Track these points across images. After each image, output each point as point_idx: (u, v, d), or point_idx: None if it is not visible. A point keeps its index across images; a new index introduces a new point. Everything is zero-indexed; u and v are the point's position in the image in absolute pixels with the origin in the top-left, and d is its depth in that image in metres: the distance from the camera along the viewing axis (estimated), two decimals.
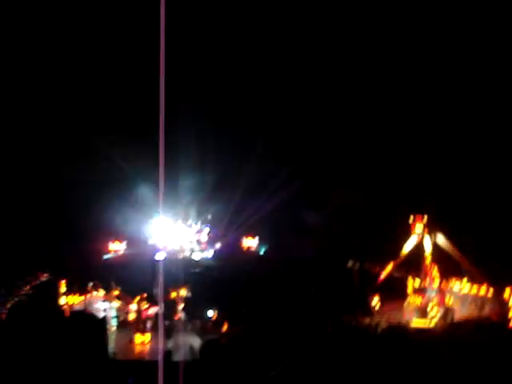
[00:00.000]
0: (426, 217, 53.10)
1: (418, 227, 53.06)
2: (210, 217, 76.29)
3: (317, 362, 30.43)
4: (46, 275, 59.37)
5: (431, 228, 52.77)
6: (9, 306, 50.09)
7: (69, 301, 50.58)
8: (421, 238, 52.98)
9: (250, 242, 75.09)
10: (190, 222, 75.74)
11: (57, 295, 52.10)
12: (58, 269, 58.68)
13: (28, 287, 55.84)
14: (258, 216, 70.98)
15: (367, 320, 49.35)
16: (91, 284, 51.90)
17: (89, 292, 51.39)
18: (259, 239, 75.26)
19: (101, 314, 47.08)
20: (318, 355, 33.04)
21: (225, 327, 47.80)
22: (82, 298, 51.00)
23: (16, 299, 52.25)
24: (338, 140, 68.53)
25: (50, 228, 65.59)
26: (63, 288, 52.87)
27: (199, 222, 75.77)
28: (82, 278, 54.06)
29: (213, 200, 74.11)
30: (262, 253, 75.32)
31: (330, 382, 27.54)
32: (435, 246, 52.61)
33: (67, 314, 49.04)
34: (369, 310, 51.98)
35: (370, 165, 68.16)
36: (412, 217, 53.56)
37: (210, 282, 57.62)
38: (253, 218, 71.94)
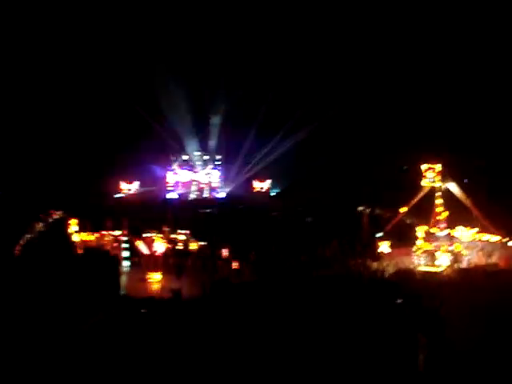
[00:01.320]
0: (438, 165, 52.71)
1: (430, 175, 52.73)
2: (222, 158, 76.47)
3: (319, 307, 30.76)
4: (59, 213, 60.12)
5: (443, 176, 52.48)
6: (22, 242, 50.82)
7: (82, 238, 51.12)
8: (432, 185, 52.78)
9: (262, 185, 75.34)
10: (202, 163, 75.97)
11: (69, 233, 52.74)
12: (71, 207, 59.35)
13: (41, 225, 56.60)
14: (271, 159, 71.08)
15: (375, 265, 49.75)
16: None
17: (101, 230, 51.83)
18: (271, 182, 75.48)
19: (113, 252, 47.65)
20: (319, 299, 33.38)
21: (234, 265, 48.30)
22: (95, 235, 51.49)
23: (29, 236, 53.02)
24: (351, 85, 67.89)
25: (64, 167, 66.09)
26: (76, 226, 53.44)
27: (212, 164, 75.99)
28: (94, 216, 54.54)
29: (226, 142, 74.10)
30: (272, 194, 75.69)
31: (331, 326, 27.92)
32: (446, 193, 52.47)
33: (80, 251, 49.75)
34: (377, 255, 52.24)
35: (384, 110, 67.64)
36: (424, 164, 53.19)
37: (222, 222, 58.09)
38: (265, 160, 72.04)
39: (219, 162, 77.11)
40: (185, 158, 76.41)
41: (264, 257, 50.47)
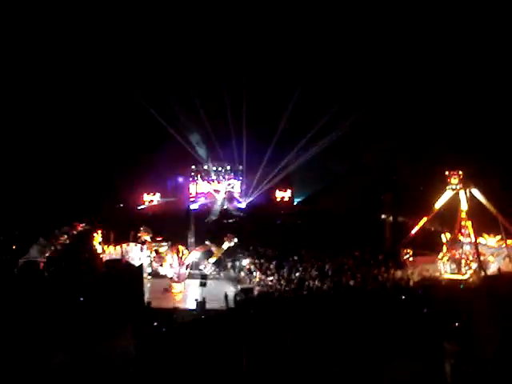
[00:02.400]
0: (461, 172, 52.28)
1: (454, 181, 52.32)
2: (243, 169, 76.69)
3: (344, 317, 30.57)
4: (82, 225, 60.71)
5: (466, 182, 52.01)
6: (47, 254, 51.28)
7: (105, 250, 51.49)
8: (456, 192, 52.35)
9: (283, 194, 75.43)
10: (223, 174, 76.27)
11: (93, 244, 53.13)
12: (95, 219, 59.93)
13: (65, 237, 57.14)
14: (293, 168, 71.17)
15: (399, 273, 49.33)
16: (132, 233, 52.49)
17: (125, 241, 52.15)
18: (292, 191, 75.50)
19: (137, 263, 47.84)
20: (344, 308, 33.21)
21: (258, 277, 48.27)
22: (119, 247, 51.81)
23: (54, 248, 53.53)
24: (373, 92, 67.73)
25: (87, 180, 66.88)
26: (99, 238, 53.84)
27: (233, 174, 76.26)
28: (117, 227, 54.92)
29: (246, 153, 74.36)
30: (294, 204, 75.67)
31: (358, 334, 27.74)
32: (470, 200, 51.95)
33: (104, 262, 50.06)
34: (401, 264, 51.81)
35: (406, 117, 67.34)
36: (448, 171, 52.78)
37: (244, 232, 58.10)
38: (286, 170, 72.14)
39: (240, 172, 77.33)
40: (206, 168, 76.86)
41: (287, 267, 50.34)
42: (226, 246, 49.45)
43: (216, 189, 75.95)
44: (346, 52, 67.41)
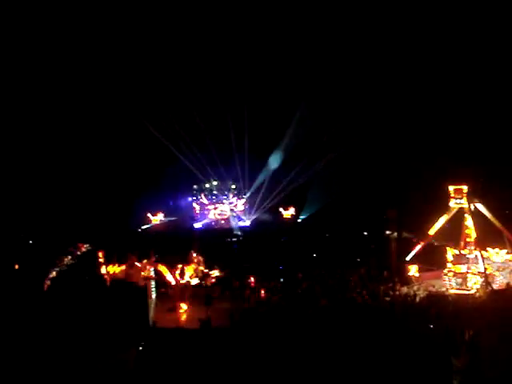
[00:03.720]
0: (465, 187, 52.18)
1: (458, 197, 52.21)
2: (246, 188, 76.66)
3: (350, 333, 30.36)
4: (86, 246, 60.64)
5: (471, 198, 51.87)
6: (51, 276, 51.16)
7: (109, 270, 51.30)
8: (460, 207, 52.23)
9: (287, 212, 75.30)
10: (227, 192, 76.22)
11: (97, 265, 52.95)
12: (98, 240, 59.83)
13: (70, 258, 57.05)
14: (295, 186, 71.11)
15: (405, 289, 49.05)
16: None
17: (128, 262, 51.98)
18: (295, 209, 75.35)
19: (141, 283, 47.62)
20: (350, 325, 32.99)
21: (262, 295, 47.98)
22: (122, 267, 51.64)
23: (58, 269, 53.41)
24: (375, 110, 67.96)
25: (91, 201, 66.99)
26: (103, 258, 53.68)
27: (236, 193, 76.18)
28: (121, 248, 54.80)
29: (250, 171, 74.36)
30: (298, 221, 75.44)
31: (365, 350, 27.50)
32: (475, 215, 51.77)
33: (108, 283, 49.87)
34: (406, 279, 51.52)
35: (409, 135, 67.42)
36: (451, 187, 52.70)
37: (248, 250, 57.99)
38: (289, 188, 72.10)
39: (244, 191, 77.26)
40: (209, 187, 76.89)
41: (291, 284, 50.11)
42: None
43: (219, 208, 75.79)
44: (349, 67, 67.63)
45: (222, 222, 74.93)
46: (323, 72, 67.43)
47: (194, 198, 76.52)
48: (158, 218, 74.20)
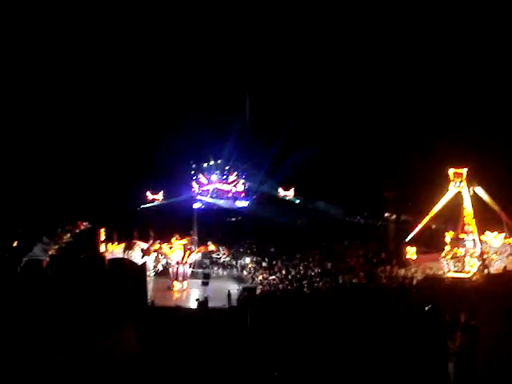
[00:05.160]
0: (465, 169, 52.18)
1: (457, 180, 52.24)
2: (246, 168, 76.52)
3: (346, 315, 30.49)
4: (85, 224, 60.71)
5: (470, 181, 51.92)
6: (50, 253, 51.29)
7: (108, 248, 51.46)
8: (459, 190, 52.28)
9: (286, 193, 75.33)
10: (226, 172, 76.12)
11: (97, 243, 53.07)
12: (98, 218, 59.89)
13: (69, 235, 57.16)
14: (294, 168, 70.97)
15: (402, 271, 49.33)
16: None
17: (128, 240, 52.13)
18: (294, 190, 75.36)
19: (140, 261, 47.84)
20: (347, 307, 33.13)
21: (260, 276, 48.28)
22: (122, 245, 51.79)
23: (57, 247, 53.55)
24: (374, 90, 67.75)
25: (90, 178, 66.92)
26: (103, 236, 53.79)
27: (235, 173, 76.05)
28: (120, 226, 54.89)
29: (249, 151, 74.18)
30: (297, 202, 75.50)
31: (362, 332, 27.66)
32: (474, 198, 51.87)
33: (107, 261, 50.03)
34: (404, 262, 51.78)
35: (409, 116, 67.25)
36: (451, 169, 52.69)
37: (246, 231, 58.20)
38: (289, 169, 71.98)
39: (244, 171, 77.13)
40: (209, 166, 76.78)
41: (289, 265, 50.38)
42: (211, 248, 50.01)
43: (219, 187, 75.74)
44: (345, 52, 67.38)
45: (222, 201, 74.90)
46: (323, 52, 67.21)
47: (195, 177, 76.33)
48: (158, 197, 74.14)
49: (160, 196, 73.91)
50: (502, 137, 63.04)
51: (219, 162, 76.85)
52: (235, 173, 76.21)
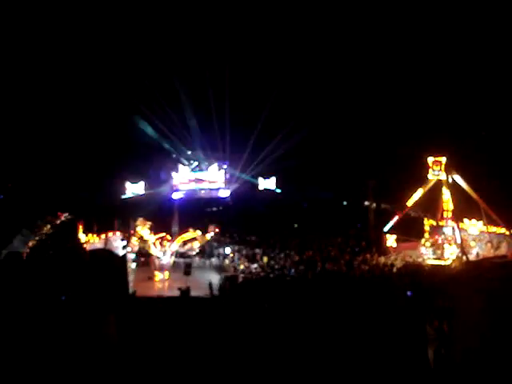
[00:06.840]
0: (444, 158, 52.59)
1: (436, 168, 52.62)
2: (227, 157, 76.39)
3: (326, 302, 30.67)
4: (66, 215, 60.38)
5: (449, 169, 52.35)
6: (30, 244, 50.97)
7: (89, 239, 51.24)
8: (438, 178, 52.69)
9: (267, 183, 75.44)
10: (207, 162, 75.93)
11: (77, 234, 52.82)
12: (78, 209, 59.58)
13: (49, 227, 56.82)
14: (275, 156, 71.08)
15: (382, 259, 49.76)
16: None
17: (108, 231, 51.97)
18: (276, 180, 75.49)
19: (120, 252, 47.70)
20: (326, 294, 33.34)
21: (242, 265, 48.43)
22: (102, 236, 51.61)
23: (37, 238, 53.22)
24: (354, 78, 67.97)
25: (70, 169, 66.44)
26: (83, 227, 53.54)
27: (216, 163, 75.88)
28: (100, 217, 54.67)
29: (230, 141, 74.08)
30: (278, 192, 75.69)
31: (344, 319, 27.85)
32: (453, 186, 52.34)
33: (87, 252, 49.81)
34: (384, 250, 52.23)
35: (388, 104, 67.58)
36: (430, 158, 53.08)
37: (227, 221, 58.26)
38: (269, 158, 72.09)
39: (224, 160, 76.96)
40: (189, 157, 76.51)
41: (271, 254, 50.63)
42: (209, 236, 49.72)
43: (199, 177, 75.50)
44: (325, 38, 67.41)
45: (202, 191, 74.76)
46: (303, 37, 67.17)
47: (174, 167, 76.02)
48: (138, 188, 73.80)
49: (140, 186, 73.59)
50: (481, 125, 63.74)
51: (200, 151, 76.59)
52: (216, 163, 75.94)
